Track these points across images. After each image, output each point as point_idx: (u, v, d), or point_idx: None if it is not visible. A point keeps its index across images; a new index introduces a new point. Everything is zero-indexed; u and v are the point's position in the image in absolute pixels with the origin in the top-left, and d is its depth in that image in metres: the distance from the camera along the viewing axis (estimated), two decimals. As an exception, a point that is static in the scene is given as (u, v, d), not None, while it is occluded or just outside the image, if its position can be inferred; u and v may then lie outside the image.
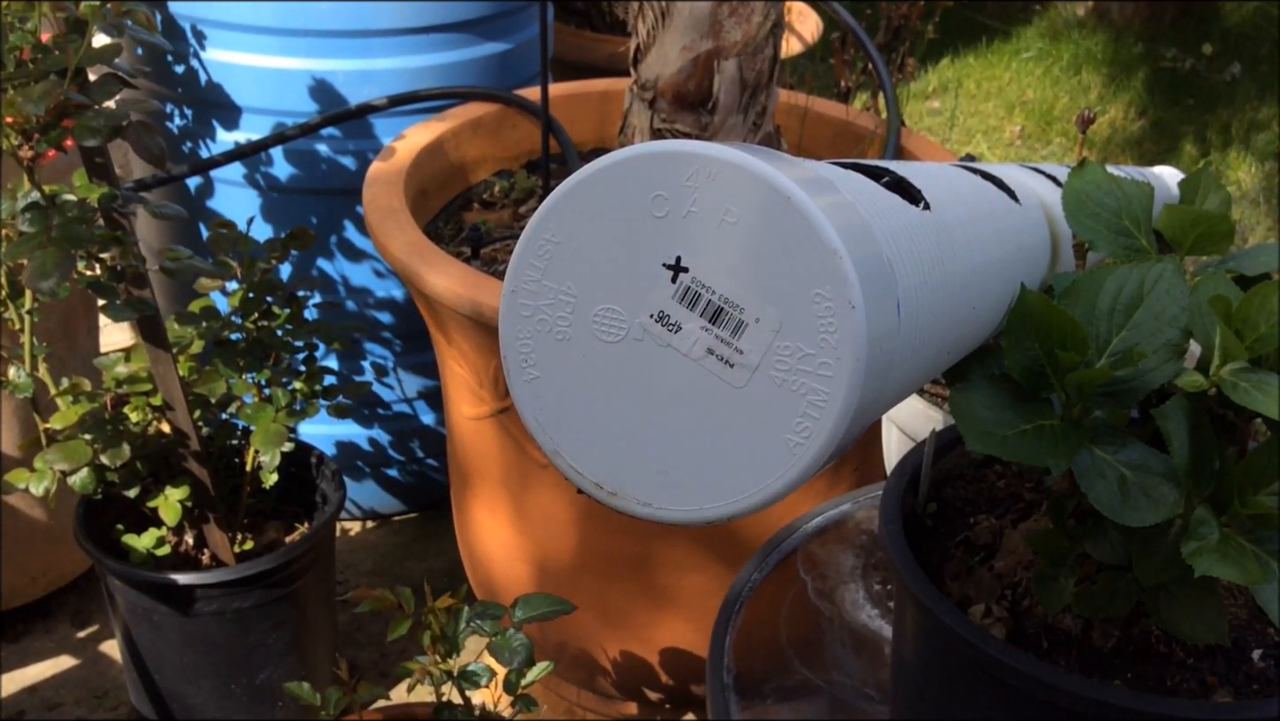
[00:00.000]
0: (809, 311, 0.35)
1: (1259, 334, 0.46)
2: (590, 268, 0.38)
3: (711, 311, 0.37)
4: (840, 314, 0.35)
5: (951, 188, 0.49)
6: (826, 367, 0.36)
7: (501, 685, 0.95)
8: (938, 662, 0.56)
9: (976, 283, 0.46)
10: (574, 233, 0.38)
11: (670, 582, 1.10)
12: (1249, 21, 3.46)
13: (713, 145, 0.36)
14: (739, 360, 0.37)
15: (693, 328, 0.37)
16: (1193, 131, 2.91)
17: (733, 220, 0.36)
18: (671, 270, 0.37)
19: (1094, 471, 0.46)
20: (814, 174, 0.38)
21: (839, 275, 0.35)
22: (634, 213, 0.37)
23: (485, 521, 1.17)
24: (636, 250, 0.37)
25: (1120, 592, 0.51)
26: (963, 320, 0.45)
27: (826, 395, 0.36)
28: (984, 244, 0.48)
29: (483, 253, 1.17)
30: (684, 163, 0.36)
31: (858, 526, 0.89)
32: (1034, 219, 0.56)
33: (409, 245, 1.02)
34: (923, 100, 3.09)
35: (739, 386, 0.37)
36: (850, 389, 0.35)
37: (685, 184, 0.36)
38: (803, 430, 0.36)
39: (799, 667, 0.77)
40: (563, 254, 0.38)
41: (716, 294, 0.37)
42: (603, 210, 0.37)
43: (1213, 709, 0.51)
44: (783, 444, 0.37)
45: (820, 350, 0.36)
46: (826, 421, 0.36)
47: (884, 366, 0.37)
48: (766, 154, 0.37)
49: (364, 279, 1.42)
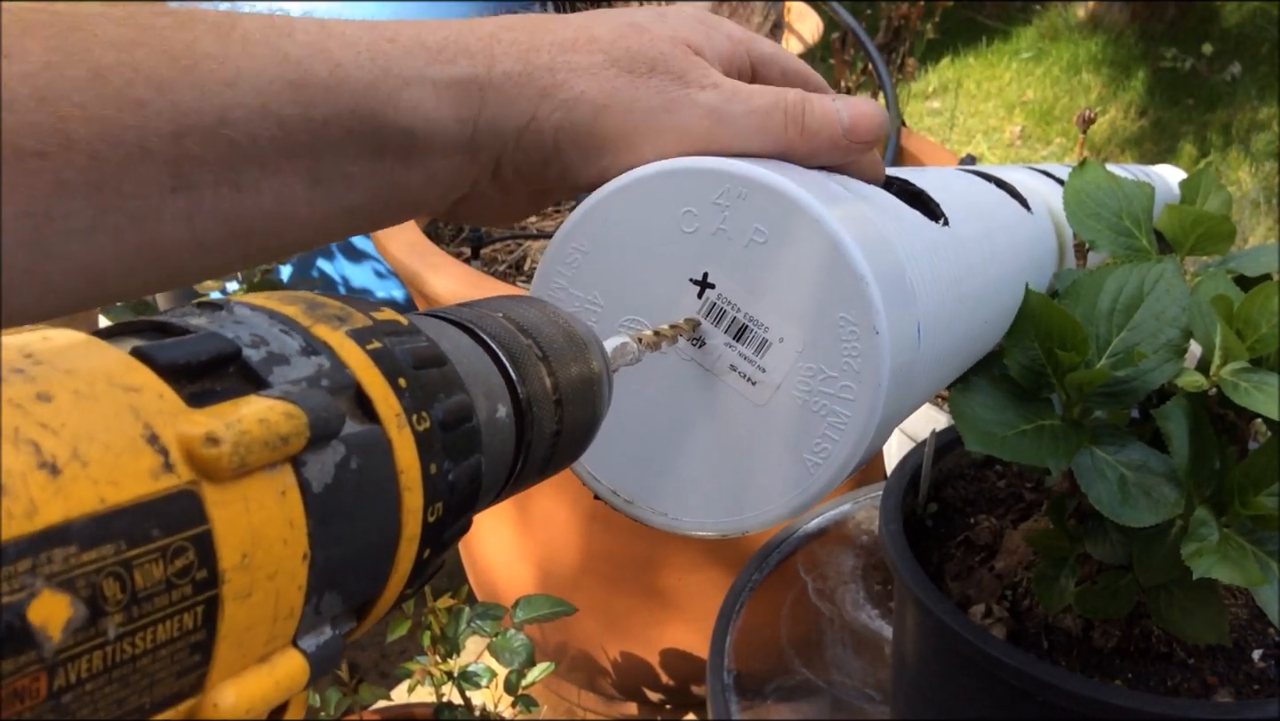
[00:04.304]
0: (833, 334, 0.35)
1: (1260, 334, 0.46)
2: (617, 279, 0.38)
3: (736, 329, 0.37)
4: (864, 338, 0.35)
5: (968, 199, 0.49)
6: (848, 391, 0.36)
7: (502, 685, 0.95)
8: (938, 662, 0.56)
9: (990, 298, 0.46)
10: (603, 243, 0.38)
11: (671, 584, 1.10)
12: (1249, 21, 3.46)
13: (744, 164, 0.36)
14: (761, 378, 0.37)
15: (717, 344, 0.37)
16: (1193, 131, 2.91)
17: (761, 240, 0.36)
18: (699, 286, 0.37)
19: (1094, 471, 0.46)
20: (842, 194, 0.38)
21: (865, 300, 0.35)
22: (663, 227, 0.37)
23: (487, 523, 1.17)
24: (664, 264, 0.37)
25: (1120, 593, 0.51)
26: (976, 335, 0.46)
27: (847, 418, 0.36)
28: (998, 259, 0.48)
29: (483, 253, 1.17)
30: (715, 180, 0.36)
31: (858, 526, 0.89)
32: (1044, 228, 0.56)
33: (409, 246, 1.02)
34: (923, 100, 3.09)
35: (760, 404, 0.37)
36: (870, 413, 0.35)
37: (715, 201, 0.36)
38: (821, 451, 0.36)
39: (799, 667, 0.77)
40: (591, 264, 0.38)
41: (742, 312, 0.37)
42: (633, 223, 0.38)
43: (1213, 709, 0.51)
44: (801, 463, 0.37)
45: (843, 373, 0.36)
46: (845, 444, 0.36)
47: (903, 388, 0.37)
48: (797, 174, 0.37)
49: (364, 279, 1.42)
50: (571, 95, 0.37)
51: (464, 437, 0.24)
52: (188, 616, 0.17)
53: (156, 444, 0.17)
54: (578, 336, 0.29)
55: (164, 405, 0.18)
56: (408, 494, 0.22)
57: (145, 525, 0.16)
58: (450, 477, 0.23)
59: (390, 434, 0.21)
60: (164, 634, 0.17)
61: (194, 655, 0.18)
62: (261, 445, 0.18)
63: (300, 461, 0.19)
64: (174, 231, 0.33)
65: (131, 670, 0.16)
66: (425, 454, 0.22)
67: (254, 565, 0.18)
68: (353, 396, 0.21)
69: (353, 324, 0.23)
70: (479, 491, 0.25)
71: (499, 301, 0.29)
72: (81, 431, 0.16)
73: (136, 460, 0.17)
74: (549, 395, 0.27)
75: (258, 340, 0.21)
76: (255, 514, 0.18)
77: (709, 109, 0.38)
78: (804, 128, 0.39)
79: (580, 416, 0.29)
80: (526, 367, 0.27)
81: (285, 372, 0.20)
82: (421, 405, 0.22)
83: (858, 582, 0.83)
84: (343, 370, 0.21)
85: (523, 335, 0.28)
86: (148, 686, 0.17)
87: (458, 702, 0.95)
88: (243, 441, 0.18)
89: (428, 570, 0.24)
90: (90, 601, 0.16)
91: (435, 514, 0.23)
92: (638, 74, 0.38)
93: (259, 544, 0.18)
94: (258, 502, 0.18)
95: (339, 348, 0.22)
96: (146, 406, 0.17)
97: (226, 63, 0.33)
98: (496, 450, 0.26)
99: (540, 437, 0.27)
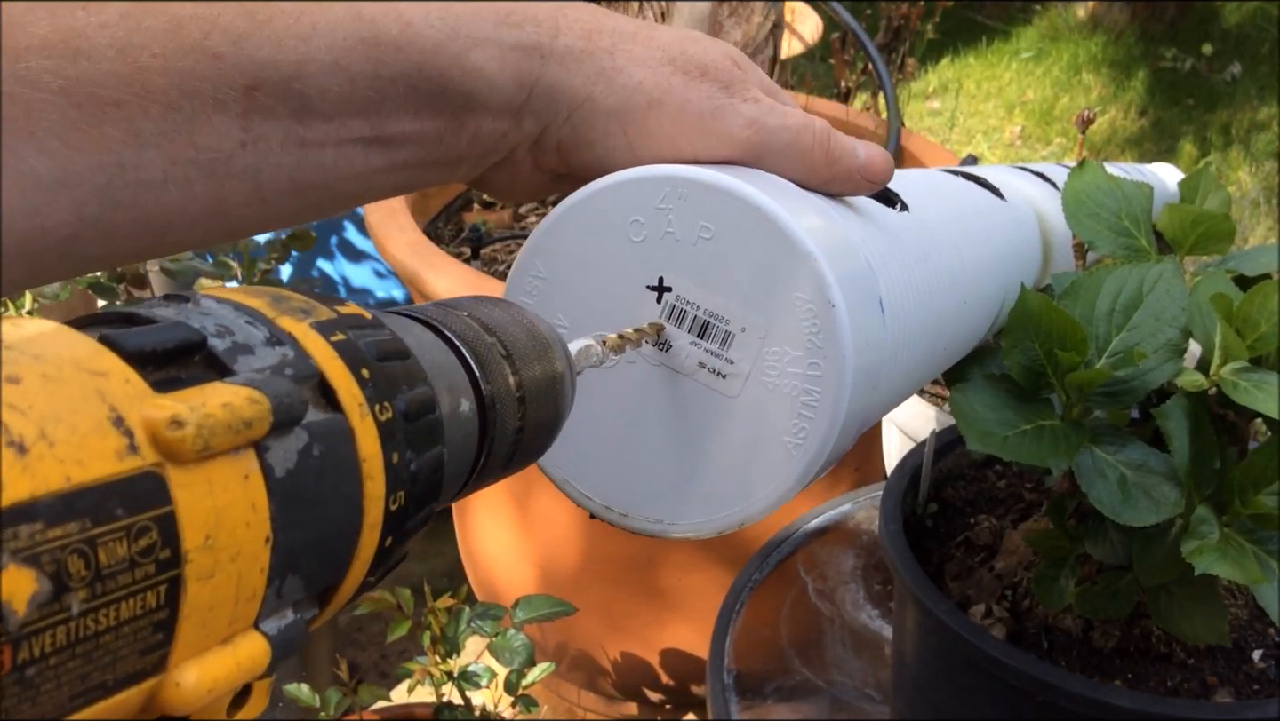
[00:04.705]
0: (792, 315, 0.36)
1: (1259, 333, 0.46)
2: (579, 299, 0.39)
3: (699, 326, 0.38)
4: (822, 314, 0.36)
5: (930, 188, 0.49)
6: (815, 368, 0.36)
7: (502, 685, 0.95)
8: (938, 663, 0.56)
9: (966, 279, 0.47)
10: (559, 267, 0.39)
11: (671, 584, 1.10)
12: (1249, 21, 3.46)
13: (679, 167, 0.37)
14: (730, 370, 0.37)
15: (682, 344, 0.38)
16: (1193, 131, 2.91)
17: (708, 236, 0.37)
18: (656, 291, 0.38)
19: (1094, 471, 0.46)
20: (781, 185, 0.39)
21: (815, 276, 0.36)
22: (614, 240, 0.38)
23: (487, 523, 1.17)
24: (620, 276, 0.38)
25: (1120, 593, 0.51)
26: (955, 317, 0.46)
27: (819, 394, 0.36)
28: (971, 240, 0.49)
29: (483, 253, 1.17)
30: (654, 186, 0.37)
31: (858, 526, 0.89)
32: (1023, 215, 0.56)
33: (409, 246, 1.02)
34: (923, 100, 3.09)
35: (733, 395, 0.37)
36: (840, 385, 0.36)
37: (659, 206, 0.37)
38: (799, 431, 0.37)
39: (799, 667, 0.77)
40: (550, 289, 0.39)
41: (701, 309, 0.37)
42: (584, 242, 0.38)
43: (1213, 709, 0.51)
44: (782, 447, 0.37)
45: (808, 351, 0.36)
46: (822, 421, 0.36)
47: (873, 364, 0.38)
48: (735, 170, 0.38)
49: (364, 279, 1.42)
50: (630, 82, 0.38)
51: (427, 429, 0.24)
52: (150, 595, 0.18)
53: (122, 426, 0.17)
54: (542, 336, 0.30)
55: (130, 389, 0.18)
56: (370, 481, 0.22)
57: (110, 504, 0.17)
58: (413, 467, 0.23)
59: (353, 422, 0.22)
60: (127, 611, 0.17)
61: (156, 633, 0.18)
62: (225, 429, 0.19)
63: (263, 446, 0.20)
64: (240, 185, 0.34)
65: (95, 646, 0.17)
66: (388, 443, 0.23)
67: (217, 546, 0.19)
68: (316, 386, 0.22)
69: (317, 316, 0.23)
70: (442, 482, 0.25)
71: (466, 301, 0.29)
72: (49, 413, 0.17)
73: (102, 441, 0.17)
74: (512, 392, 0.28)
75: (223, 330, 0.21)
76: (219, 496, 0.19)
77: (750, 119, 0.39)
78: (828, 151, 0.41)
79: (543, 414, 0.29)
80: (490, 365, 0.27)
81: (250, 361, 0.21)
82: (384, 395, 0.23)
83: (858, 582, 0.83)
84: (306, 360, 0.22)
85: (487, 334, 0.28)
86: (110, 662, 0.17)
87: (458, 702, 0.95)
88: (206, 424, 0.18)
89: (390, 559, 0.24)
90: (55, 577, 0.16)
91: (397, 502, 0.23)
92: (691, 75, 0.39)
93: (222, 526, 0.19)
94: (221, 485, 0.19)
95: (303, 339, 0.22)
96: (113, 390, 0.18)
97: (302, 17, 0.33)
98: (459, 444, 0.26)
99: (503, 434, 0.28)
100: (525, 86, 0.37)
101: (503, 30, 0.37)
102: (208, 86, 0.31)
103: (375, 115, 0.35)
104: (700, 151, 0.39)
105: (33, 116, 0.29)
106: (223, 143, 0.32)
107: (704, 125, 0.39)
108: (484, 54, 0.36)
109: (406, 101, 0.36)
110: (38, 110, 0.29)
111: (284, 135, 0.34)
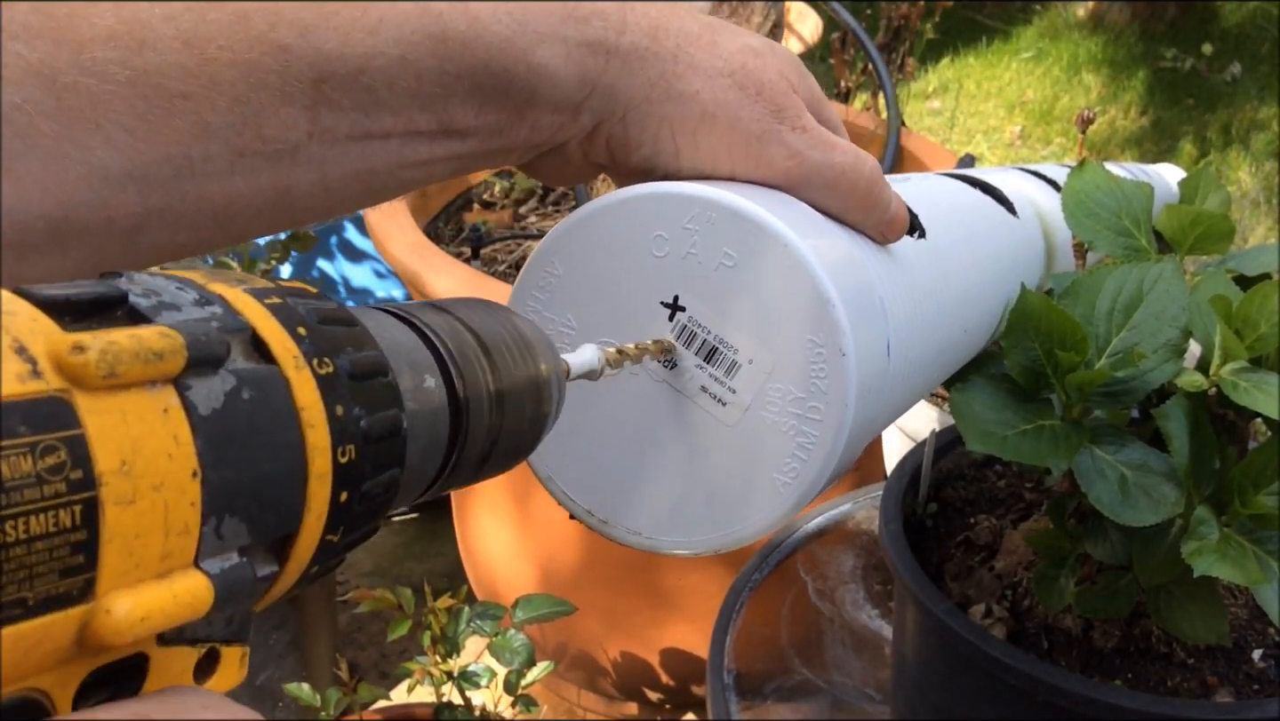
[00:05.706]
0: (801, 356, 0.36)
1: (1259, 333, 0.46)
2: (590, 302, 0.39)
3: (707, 351, 0.37)
4: (831, 360, 0.36)
5: (949, 208, 0.49)
6: (816, 411, 0.36)
7: (502, 685, 0.95)
8: (938, 662, 0.56)
9: (969, 305, 0.47)
10: (576, 267, 0.39)
11: (671, 584, 1.10)
12: (1249, 21, 3.46)
13: (713, 189, 0.37)
14: (731, 399, 0.37)
15: (688, 365, 0.38)
16: (1193, 131, 2.91)
17: (730, 264, 0.36)
18: (670, 309, 0.38)
19: (1094, 471, 0.46)
20: (811, 217, 0.39)
21: (831, 323, 0.35)
22: (635, 251, 0.38)
23: (487, 523, 1.17)
24: (636, 287, 0.38)
25: (1120, 592, 0.51)
26: (954, 343, 0.46)
27: (815, 438, 0.36)
28: (979, 265, 0.48)
29: (483, 253, 1.17)
30: (684, 205, 0.37)
31: (857, 526, 0.89)
32: (1030, 232, 0.56)
33: (409, 246, 1.02)
34: (923, 100, 3.09)
35: (730, 424, 0.37)
36: (838, 433, 0.36)
37: (685, 226, 0.37)
38: (790, 470, 0.37)
39: (799, 667, 0.77)
40: (564, 287, 0.39)
41: (712, 334, 0.37)
42: (606, 246, 0.38)
43: (1213, 709, 0.51)
44: (770, 482, 0.37)
45: (810, 394, 0.36)
46: (814, 463, 0.36)
47: (871, 406, 0.38)
48: (768, 198, 0.38)
49: (364, 279, 1.42)
50: (688, 90, 0.38)
51: (379, 390, 0.24)
52: (64, 513, 0.18)
53: (25, 354, 0.18)
54: (526, 337, 0.30)
55: (36, 326, 0.19)
56: (310, 430, 0.22)
57: (11, 422, 0.17)
58: (363, 425, 0.23)
59: (287, 373, 0.22)
60: (38, 526, 0.18)
61: (76, 555, 0.18)
62: (131, 356, 0.19)
63: (184, 385, 0.20)
64: (306, 175, 0.34)
65: (4, 557, 0.17)
66: (329, 395, 0.23)
67: (135, 473, 0.19)
68: (248, 340, 0.22)
69: (252, 284, 0.23)
70: (404, 451, 0.25)
71: (451, 301, 0.29)
72: None
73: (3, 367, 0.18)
74: (488, 386, 0.28)
75: (150, 292, 0.21)
76: (134, 425, 0.19)
77: (792, 150, 0.39)
78: (867, 199, 0.40)
79: (523, 414, 0.29)
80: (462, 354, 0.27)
81: (174, 316, 0.21)
82: (324, 352, 0.23)
83: (858, 582, 0.83)
84: (236, 316, 0.22)
85: (465, 329, 0.28)
86: (26, 578, 0.18)
87: (458, 702, 0.95)
88: (110, 350, 0.19)
89: (354, 519, 0.24)
90: None
91: (347, 455, 0.23)
92: (747, 93, 0.39)
93: (139, 454, 0.19)
94: (136, 415, 0.19)
95: (234, 300, 0.23)
96: (18, 326, 0.18)
97: (369, 10, 0.33)
98: (425, 419, 0.26)
99: (477, 427, 0.28)
100: (588, 84, 0.37)
101: (569, 25, 0.36)
102: (275, 79, 0.31)
103: (440, 109, 0.35)
104: (741, 172, 0.39)
105: (99, 108, 0.29)
106: (290, 135, 0.32)
107: (749, 148, 0.38)
108: (549, 50, 0.36)
109: (471, 97, 0.35)
110: (104, 102, 0.29)
111: (350, 126, 0.34)
